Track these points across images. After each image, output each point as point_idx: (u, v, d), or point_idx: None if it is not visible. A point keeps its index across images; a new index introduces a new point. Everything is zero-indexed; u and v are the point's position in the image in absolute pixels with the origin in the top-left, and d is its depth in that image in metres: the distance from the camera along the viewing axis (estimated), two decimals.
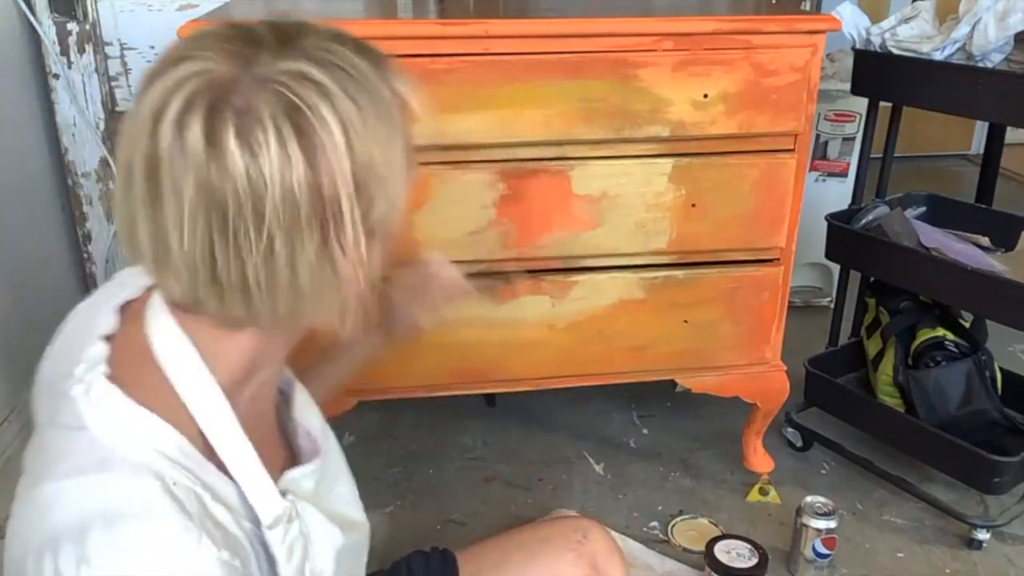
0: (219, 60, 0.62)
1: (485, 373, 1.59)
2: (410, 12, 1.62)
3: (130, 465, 0.64)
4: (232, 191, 0.60)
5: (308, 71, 0.62)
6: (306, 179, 0.61)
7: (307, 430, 0.86)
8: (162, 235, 0.63)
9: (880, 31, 1.70)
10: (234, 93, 0.61)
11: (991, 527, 1.66)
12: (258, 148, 0.60)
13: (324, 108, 0.62)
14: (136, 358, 0.69)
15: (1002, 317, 1.64)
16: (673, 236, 1.53)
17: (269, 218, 0.61)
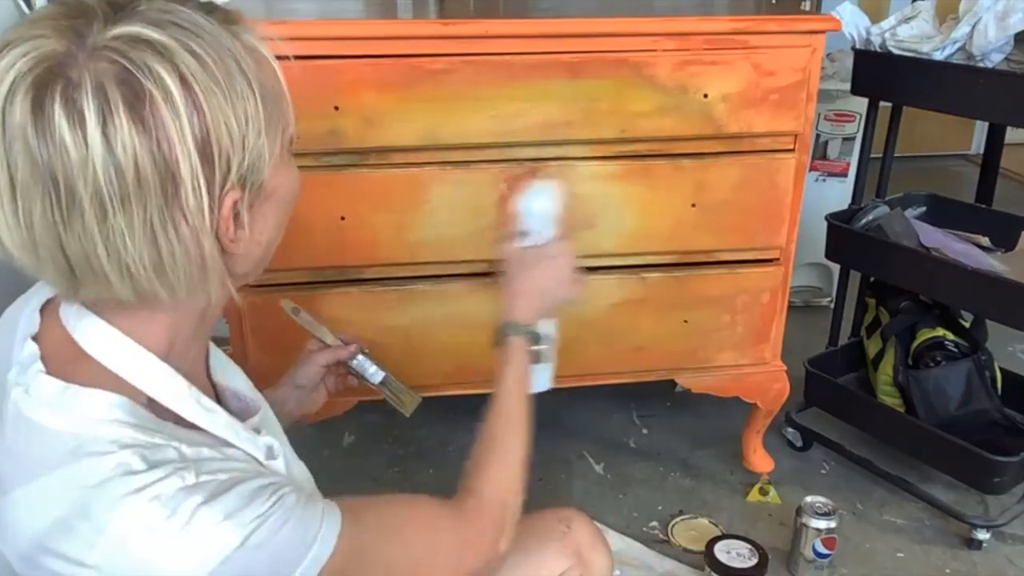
0: (51, 36, 0.60)
1: (485, 373, 1.59)
2: (410, 12, 1.62)
3: (99, 443, 0.64)
4: (62, 168, 0.59)
5: (143, 32, 0.61)
6: (138, 146, 0.60)
7: (234, 391, 0.86)
8: (28, 224, 0.61)
9: (880, 31, 1.70)
10: (69, 67, 0.59)
11: (991, 527, 1.66)
12: (84, 119, 0.58)
13: (160, 67, 0.60)
14: (65, 351, 0.69)
15: (1002, 317, 1.64)
16: (673, 236, 1.53)
17: (98, 191, 0.60)
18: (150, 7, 0.63)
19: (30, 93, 0.59)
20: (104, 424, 0.65)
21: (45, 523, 0.63)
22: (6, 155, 0.60)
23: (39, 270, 0.65)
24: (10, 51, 0.60)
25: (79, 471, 0.63)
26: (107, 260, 0.62)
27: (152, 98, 0.60)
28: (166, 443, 0.65)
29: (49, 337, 0.71)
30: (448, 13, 1.60)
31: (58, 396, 0.66)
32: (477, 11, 1.68)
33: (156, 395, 0.69)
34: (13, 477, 0.65)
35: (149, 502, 0.62)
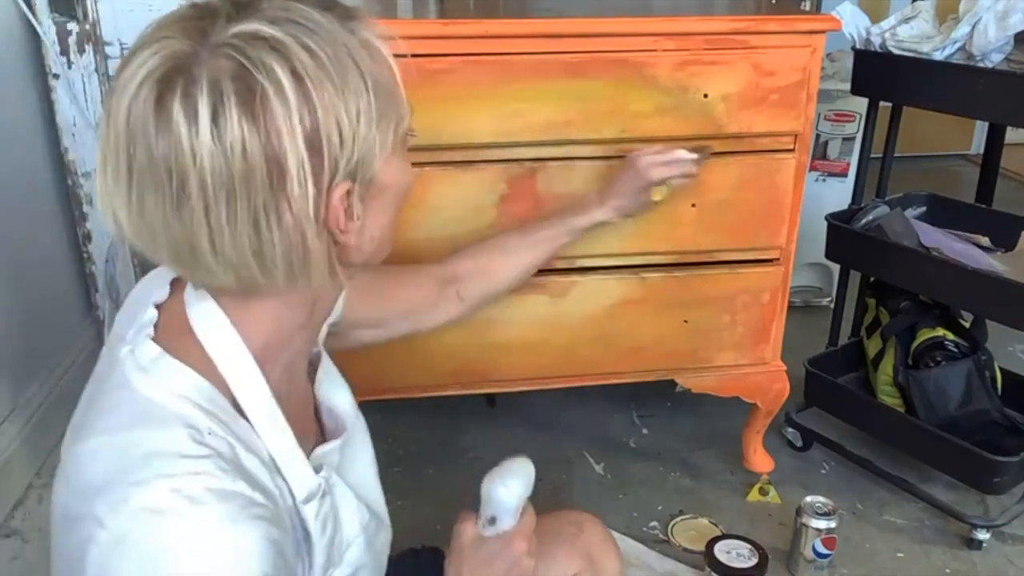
0: (178, 36, 0.64)
1: (485, 373, 1.59)
2: (410, 12, 1.62)
3: (168, 414, 0.67)
4: (176, 160, 0.62)
5: (260, 30, 0.63)
6: (248, 141, 0.62)
7: (329, 408, 0.87)
8: (135, 209, 0.66)
9: (880, 31, 1.70)
10: (194, 65, 0.62)
11: (991, 527, 1.66)
12: (197, 114, 0.61)
13: (274, 62, 0.62)
14: (177, 326, 0.72)
15: (1002, 317, 1.64)
16: (673, 236, 1.53)
17: (204, 183, 0.63)
18: (271, 5, 0.65)
19: (154, 89, 0.62)
20: (178, 399, 0.68)
21: (95, 476, 0.65)
22: (128, 147, 0.63)
23: (155, 255, 0.69)
24: (140, 52, 0.64)
25: (138, 436, 0.66)
26: (210, 249, 0.65)
27: (263, 92, 0.62)
28: (226, 436, 0.68)
29: (170, 308, 0.75)
30: (448, 13, 1.60)
31: (152, 362, 0.70)
32: (477, 11, 1.68)
33: (236, 391, 0.71)
34: (93, 426, 0.69)
35: (172, 492, 0.63)
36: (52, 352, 1.97)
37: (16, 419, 1.80)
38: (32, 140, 1.97)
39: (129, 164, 0.64)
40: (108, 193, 0.67)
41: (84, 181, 2.04)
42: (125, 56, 0.66)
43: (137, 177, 0.64)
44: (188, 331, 0.72)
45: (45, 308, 1.97)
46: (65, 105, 1.98)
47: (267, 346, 0.74)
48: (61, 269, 2.08)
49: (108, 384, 0.72)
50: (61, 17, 1.92)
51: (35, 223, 1.97)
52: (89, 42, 1.95)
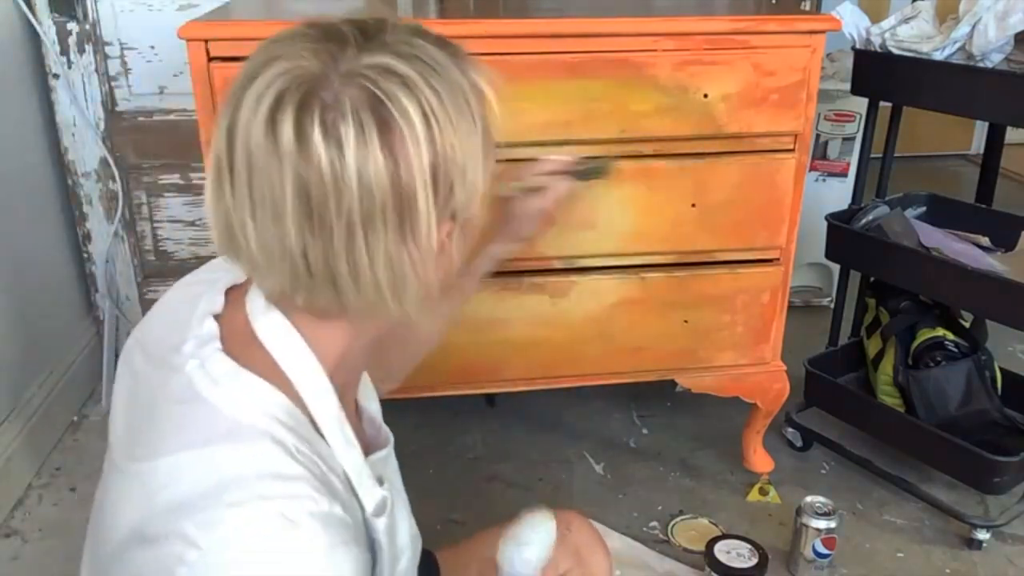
0: (308, 58, 0.64)
1: (485, 373, 1.59)
2: (410, 12, 1.62)
3: (255, 431, 0.66)
4: (317, 182, 0.63)
5: (392, 64, 0.65)
6: (385, 171, 0.63)
7: (371, 416, 0.88)
8: (260, 227, 0.65)
9: (880, 31, 1.70)
10: (323, 88, 0.63)
11: (991, 527, 1.66)
12: (341, 141, 0.62)
13: (406, 100, 0.64)
14: (243, 339, 0.72)
15: (1002, 317, 1.64)
16: (673, 236, 1.53)
17: (349, 208, 0.63)
18: (396, 38, 0.67)
19: (293, 112, 0.62)
20: (265, 418, 0.67)
21: (183, 493, 0.64)
22: (266, 166, 0.63)
23: (260, 276, 0.69)
24: (272, 65, 0.64)
25: (228, 454, 0.65)
26: (347, 273, 0.66)
27: (399, 127, 0.64)
28: (311, 455, 0.67)
29: (230, 320, 0.74)
30: (448, 13, 1.60)
31: (230, 377, 0.69)
32: (477, 11, 1.68)
33: (312, 408, 0.71)
34: (167, 443, 0.67)
35: (274, 516, 0.62)
36: (52, 352, 1.97)
37: (16, 419, 1.80)
38: (32, 140, 1.97)
39: (262, 183, 0.64)
40: (226, 210, 0.67)
41: (84, 181, 2.04)
42: (249, 69, 0.66)
43: (266, 198, 0.64)
44: (256, 344, 0.71)
45: (45, 308, 1.97)
46: (65, 105, 1.98)
47: (337, 364, 0.74)
48: (61, 269, 2.08)
49: (171, 397, 0.70)
50: (61, 17, 1.92)
51: (35, 223, 1.97)
52: (89, 42, 1.95)
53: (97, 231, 2.09)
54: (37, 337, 1.91)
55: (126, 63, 1.98)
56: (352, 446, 0.73)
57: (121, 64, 1.98)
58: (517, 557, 0.88)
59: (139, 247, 2.14)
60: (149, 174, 2.06)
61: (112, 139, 2.02)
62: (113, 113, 2.01)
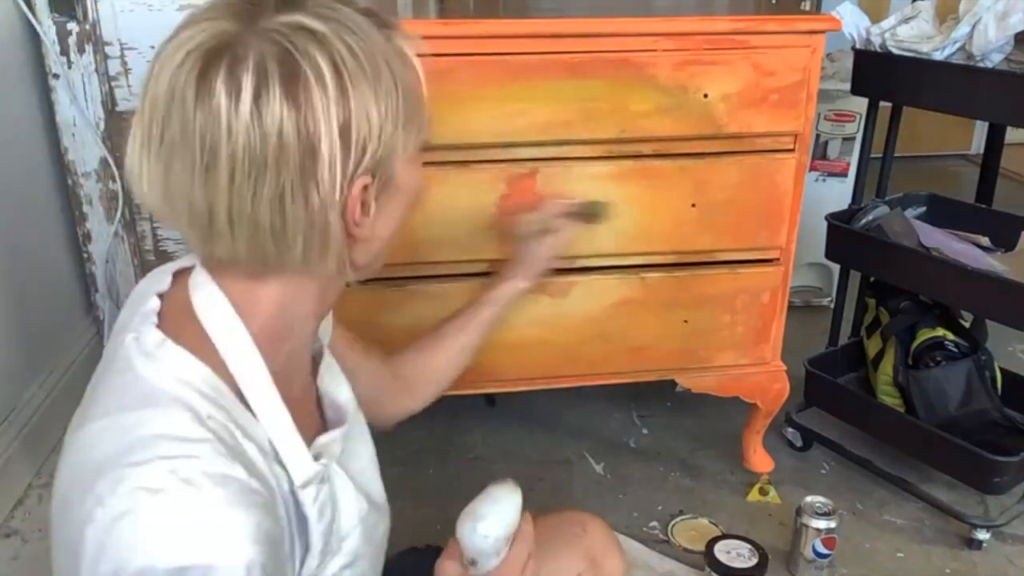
0: (227, 18, 0.67)
1: (485, 373, 1.59)
2: (410, 12, 1.62)
3: (169, 398, 0.68)
4: (212, 131, 0.65)
5: (305, 22, 0.67)
6: (285, 119, 0.65)
7: (332, 399, 0.88)
8: (160, 174, 0.68)
9: (880, 31, 1.70)
10: (238, 45, 0.66)
11: (991, 527, 1.66)
12: (241, 89, 0.64)
13: (317, 53, 0.66)
14: (180, 313, 0.74)
15: (1002, 317, 1.64)
16: (673, 236, 1.53)
17: (248, 156, 0.65)
18: (317, 2, 0.69)
19: (199, 63, 0.65)
20: (180, 384, 0.69)
21: (98, 456, 0.67)
22: (164, 115, 0.66)
23: (174, 220, 0.71)
24: (187, 28, 0.68)
25: (139, 417, 0.67)
26: (230, 217, 0.68)
27: (306, 78, 0.66)
28: (226, 422, 0.69)
29: (172, 297, 0.77)
30: (448, 13, 1.60)
31: (156, 347, 0.72)
32: (477, 11, 1.68)
33: (238, 377, 0.73)
34: (95, 411, 0.71)
35: (168, 474, 0.64)
36: (52, 352, 1.97)
37: (16, 419, 1.80)
38: (32, 140, 1.97)
39: (162, 132, 0.67)
40: (137, 158, 0.70)
41: (84, 181, 2.04)
42: (173, 31, 0.70)
43: (168, 144, 0.67)
44: (192, 317, 0.73)
45: (45, 308, 1.97)
46: (65, 105, 1.98)
47: (270, 331, 0.75)
48: (61, 269, 2.08)
49: (111, 370, 0.74)
50: (61, 17, 1.92)
51: (35, 223, 1.97)
52: (89, 42, 1.95)
53: (97, 231, 2.09)
54: (37, 337, 1.91)
55: (126, 63, 1.98)
56: (281, 415, 0.74)
57: (121, 64, 1.98)
58: (474, 532, 0.86)
59: (139, 247, 2.14)
60: None
61: (112, 139, 2.02)
62: (113, 113, 2.01)
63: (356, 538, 0.82)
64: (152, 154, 0.68)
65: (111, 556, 0.63)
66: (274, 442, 0.73)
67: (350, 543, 0.82)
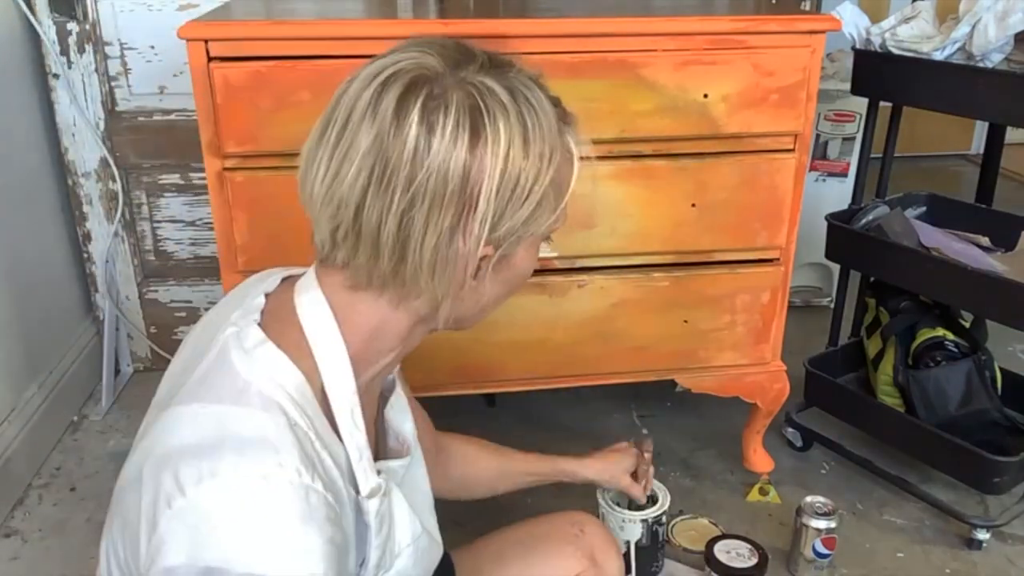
0: (433, 56, 0.74)
1: (485, 373, 1.59)
2: (410, 12, 1.62)
3: (263, 399, 0.71)
4: (399, 152, 0.70)
5: (500, 92, 0.73)
6: (462, 165, 0.71)
7: (397, 432, 0.92)
8: (331, 174, 0.73)
9: (880, 31, 1.70)
10: (435, 82, 0.72)
11: (991, 527, 1.66)
12: (435, 126, 0.70)
13: (500, 120, 0.72)
14: (283, 315, 0.78)
15: (1002, 317, 1.64)
16: (673, 236, 1.53)
17: (419, 183, 0.71)
18: (518, 75, 0.76)
19: (401, 88, 0.71)
20: (275, 388, 0.72)
21: (184, 441, 0.69)
22: (359, 125, 0.72)
23: (318, 217, 0.76)
24: (402, 52, 0.74)
25: (231, 414, 0.70)
26: (393, 238, 0.72)
27: (486, 138, 0.72)
28: (308, 431, 0.72)
29: (276, 298, 0.81)
30: (448, 13, 1.60)
31: (255, 346, 0.75)
32: (477, 11, 1.68)
33: (328, 385, 0.76)
34: (186, 394, 0.74)
35: (258, 479, 0.67)
36: (52, 352, 1.97)
37: (16, 419, 1.80)
38: (32, 140, 1.97)
39: (347, 136, 0.72)
40: (313, 151, 0.75)
41: (84, 181, 2.04)
42: (383, 53, 0.76)
43: (357, 154, 0.72)
44: (293, 321, 0.77)
45: (45, 308, 1.97)
46: (65, 105, 1.98)
47: (363, 346, 0.79)
48: (61, 269, 2.08)
49: (208, 357, 0.76)
50: (61, 17, 1.92)
51: (35, 223, 1.98)
52: (89, 42, 1.95)
53: (97, 231, 2.09)
54: (37, 337, 1.91)
55: (126, 63, 1.98)
56: (359, 427, 0.77)
57: (121, 64, 1.98)
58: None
59: (139, 247, 2.14)
60: (149, 174, 2.07)
61: (112, 139, 2.02)
62: (113, 113, 2.01)
63: (407, 557, 0.85)
64: (328, 151, 0.73)
65: (182, 546, 0.65)
66: (348, 451, 0.76)
67: (401, 561, 0.84)
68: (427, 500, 0.95)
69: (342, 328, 0.77)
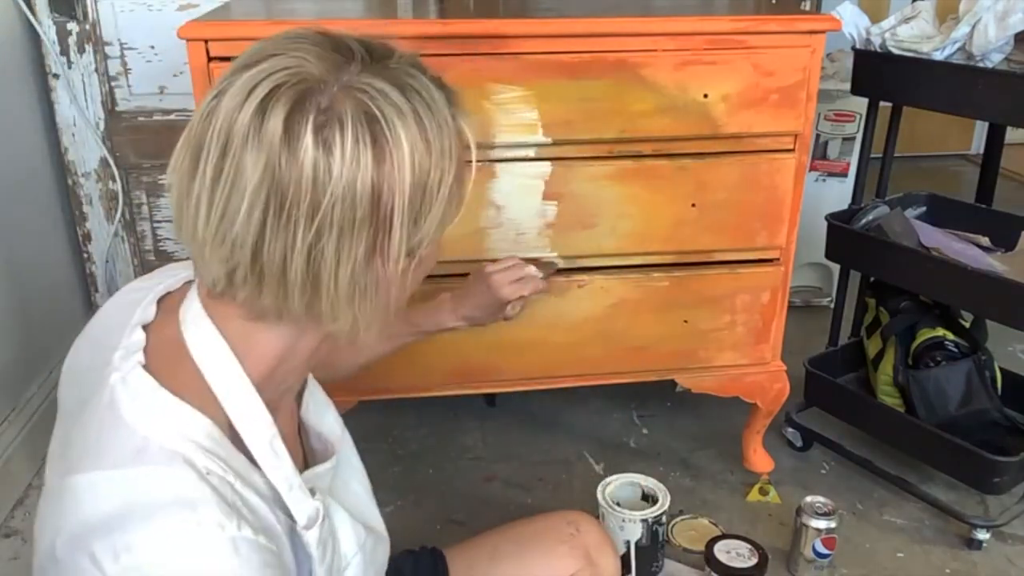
0: (311, 61, 0.65)
1: (485, 373, 1.59)
2: (410, 12, 1.62)
3: (166, 455, 0.65)
4: (296, 180, 0.62)
5: (389, 90, 0.66)
6: (370, 184, 0.64)
7: (319, 432, 0.87)
8: (218, 212, 0.64)
9: (880, 31, 1.70)
10: (320, 92, 0.64)
11: (991, 527, 1.66)
12: (332, 145, 0.63)
13: (399, 125, 0.65)
14: (170, 349, 0.71)
15: (1002, 317, 1.64)
16: (673, 236, 1.53)
17: (324, 212, 0.63)
18: (400, 66, 0.68)
19: (287, 106, 0.63)
20: (179, 439, 0.66)
21: (90, 516, 0.63)
22: (242, 153, 0.63)
23: (207, 259, 0.67)
24: (271, 59, 0.65)
25: (135, 476, 0.64)
26: (303, 275, 0.65)
27: (389, 149, 0.65)
28: (223, 474, 0.66)
29: (160, 331, 0.73)
30: (448, 13, 1.60)
31: (146, 394, 0.68)
32: (477, 11, 1.68)
33: (238, 424, 0.70)
34: (81, 461, 0.66)
35: (180, 542, 0.62)
36: (52, 352, 1.97)
37: (16, 419, 1.80)
38: (32, 140, 1.97)
39: (227, 164, 0.63)
40: (187, 188, 0.66)
41: (84, 181, 2.05)
42: (247, 57, 0.67)
43: (244, 187, 0.63)
44: (183, 356, 0.70)
45: (45, 309, 1.97)
46: (65, 105, 1.98)
47: (269, 375, 0.73)
48: (61, 269, 2.08)
49: (95, 409, 0.69)
50: (61, 17, 1.92)
51: (35, 223, 1.98)
52: (89, 42, 1.95)
53: (97, 231, 2.09)
54: (37, 337, 1.91)
55: (126, 63, 1.98)
56: (281, 459, 0.72)
57: (121, 64, 1.98)
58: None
59: (139, 247, 2.14)
60: (149, 174, 2.07)
61: (112, 139, 2.02)
62: (113, 113, 2.01)
63: (355, 567, 0.82)
64: (208, 185, 0.64)
65: None
66: (276, 485, 0.71)
67: (350, 572, 0.81)
68: (365, 493, 0.91)
69: (244, 363, 0.70)
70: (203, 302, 0.71)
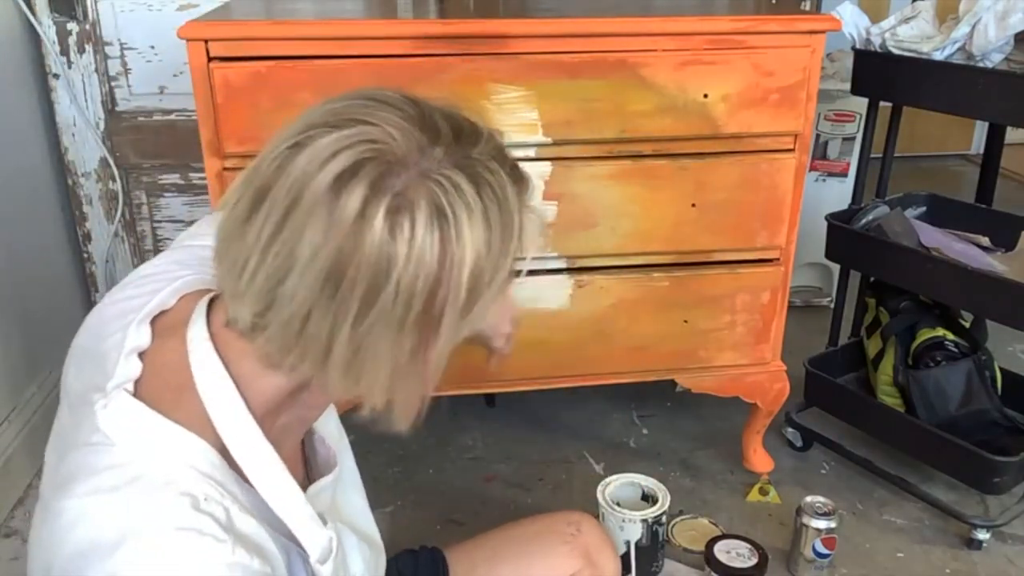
0: (396, 138, 0.62)
1: (485, 373, 1.59)
2: (410, 12, 1.62)
3: (161, 482, 0.64)
4: (357, 263, 0.60)
5: (466, 187, 0.63)
6: (430, 281, 0.62)
7: (321, 436, 0.86)
8: (267, 270, 0.62)
9: (880, 31, 1.70)
10: (399, 175, 0.61)
11: (991, 527, 1.66)
12: (399, 234, 0.60)
13: (467, 226, 0.63)
14: (173, 378, 0.69)
15: (1002, 317, 1.64)
16: (673, 236, 1.53)
17: (381, 302, 0.61)
18: (481, 158, 0.65)
19: (365, 187, 0.60)
20: (176, 466, 0.65)
21: (84, 543, 0.62)
22: (308, 218, 0.60)
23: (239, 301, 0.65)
24: (359, 126, 0.62)
25: (131, 504, 0.63)
26: (345, 356, 0.63)
27: (452, 249, 0.62)
28: (220, 499, 0.65)
29: (159, 358, 0.70)
30: (448, 13, 1.60)
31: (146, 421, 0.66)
32: (477, 11, 1.68)
33: (239, 459, 0.68)
34: (77, 486, 0.65)
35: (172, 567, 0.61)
36: (52, 352, 1.97)
37: (16, 419, 1.80)
38: (32, 140, 1.97)
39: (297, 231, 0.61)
40: (239, 232, 0.63)
41: (84, 181, 2.04)
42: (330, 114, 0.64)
43: (296, 249, 0.61)
44: (187, 387, 0.68)
45: (45, 309, 1.97)
46: (65, 105, 1.98)
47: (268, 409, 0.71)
48: (61, 269, 2.08)
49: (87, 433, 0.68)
50: (61, 17, 1.92)
51: (35, 223, 1.97)
52: (89, 42, 1.95)
53: (97, 231, 2.09)
54: (37, 337, 1.91)
55: (126, 63, 1.98)
56: (286, 490, 0.71)
57: (121, 64, 1.98)
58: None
59: (139, 247, 2.14)
60: (149, 174, 2.07)
61: (112, 139, 2.02)
62: (113, 113, 2.01)
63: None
64: (265, 238, 0.61)
65: None
66: (285, 520, 0.70)
67: None
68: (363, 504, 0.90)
69: (245, 394, 0.68)
70: (215, 330, 0.69)
